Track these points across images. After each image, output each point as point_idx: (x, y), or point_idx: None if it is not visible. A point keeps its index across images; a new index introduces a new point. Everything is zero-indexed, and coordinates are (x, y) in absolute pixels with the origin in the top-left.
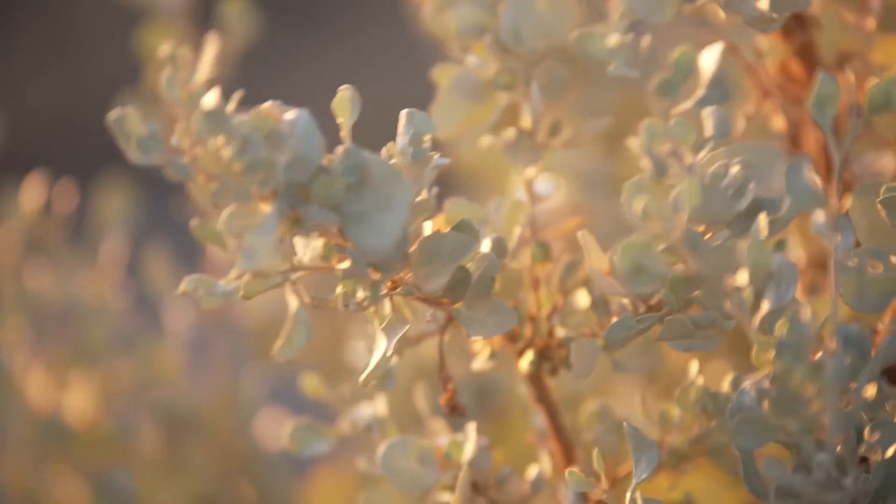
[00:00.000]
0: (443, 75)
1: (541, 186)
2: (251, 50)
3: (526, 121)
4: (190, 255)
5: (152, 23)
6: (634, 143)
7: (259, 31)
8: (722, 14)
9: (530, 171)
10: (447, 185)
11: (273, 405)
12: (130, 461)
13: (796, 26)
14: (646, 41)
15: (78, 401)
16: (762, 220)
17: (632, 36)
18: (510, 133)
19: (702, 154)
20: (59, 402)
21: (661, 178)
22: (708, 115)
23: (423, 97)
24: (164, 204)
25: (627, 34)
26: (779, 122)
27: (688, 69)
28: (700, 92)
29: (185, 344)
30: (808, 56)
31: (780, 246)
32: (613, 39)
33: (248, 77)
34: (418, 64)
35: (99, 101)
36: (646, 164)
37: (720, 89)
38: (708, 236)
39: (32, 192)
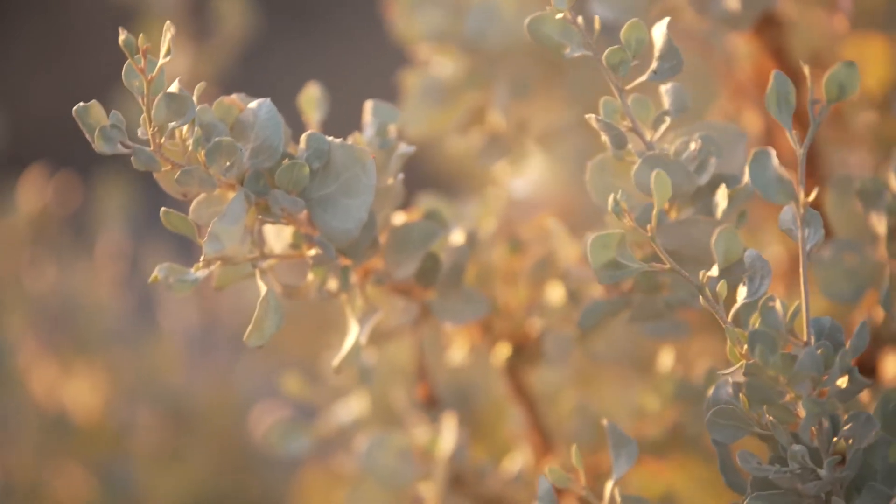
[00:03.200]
0: (410, 79)
1: (515, 183)
2: (244, 50)
3: (494, 120)
4: (188, 249)
5: (145, 21)
6: (592, 118)
7: (255, 29)
8: (693, 16)
9: (501, 169)
10: (425, 187)
11: (270, 400)
12: (132, 453)
13: (769, 27)
14: (597, 21)
15: (80, 395)
16: (722, 192)
17: (581, 18)
18: (478, 133)
19: (661, 129)
20: (62, 397)
21: (621, 153)
22: (665, 91)
23: None
24: (163, 200)
25: (576, 15)
26: (754, 121)
27: (638, 42)
28: (653, 65)
29: (185, 339)
30: (781, 57)
31: (742, 218)
32: (559, 15)
33: (241, 78)
34: (404, 66)
35: (99, 99)
36: (605, 139)
37: (672, 61)
38: (673, 215)
39: (33, 188)
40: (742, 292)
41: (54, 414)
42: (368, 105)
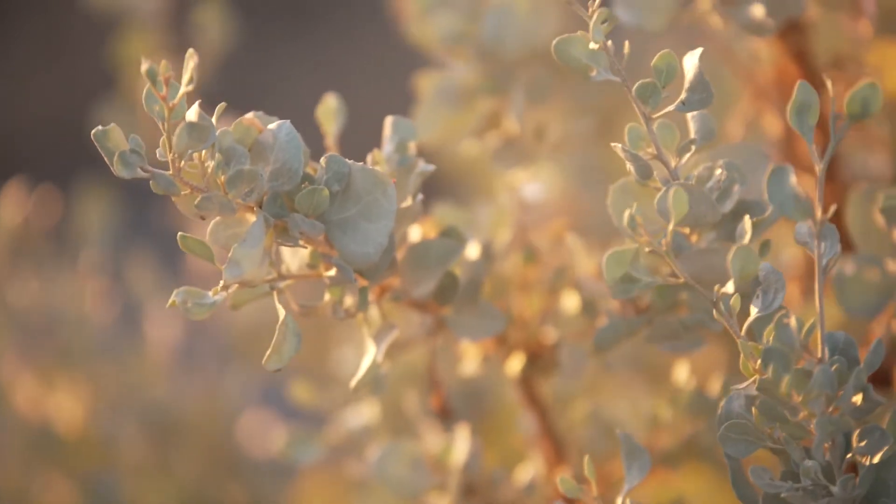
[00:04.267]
0: (425, 82)
1: (528, 190)
2: (238, 55)
3: (510, 125)
4: (172, 260)
5: (127, 29)
6: (618, 147)
7: (239, 36)
8: (717, 21)
9: (516, 176)
10: (435, 189)
11: (258, 408)
12: (118, 465)
13: (792, 31)
14: (626, 46)
15: (64, 408)
16: (747, 222)
17: (610, 42)
18: (494, 138)
19: (686, 157)
20: (46, 409)
21: (645, 182)
22: (692, 118)
23: (412, 102)
24: (145, 210)
25: (607, 39)
26: (774, 126)
27: (669, 74)
28: (682, 96)
29: (170, 349)
30: (804, 60)
31: (766, 248)
32: (593, 44)
33: (232, 83)
34: (408, 68)
35: (93, 103)
36: (630, 167)
37: (702, 93)
38: (694, 239)
39: (13, 201)
40: (756, 306)
41: (38, 427)
42: (388, 121)
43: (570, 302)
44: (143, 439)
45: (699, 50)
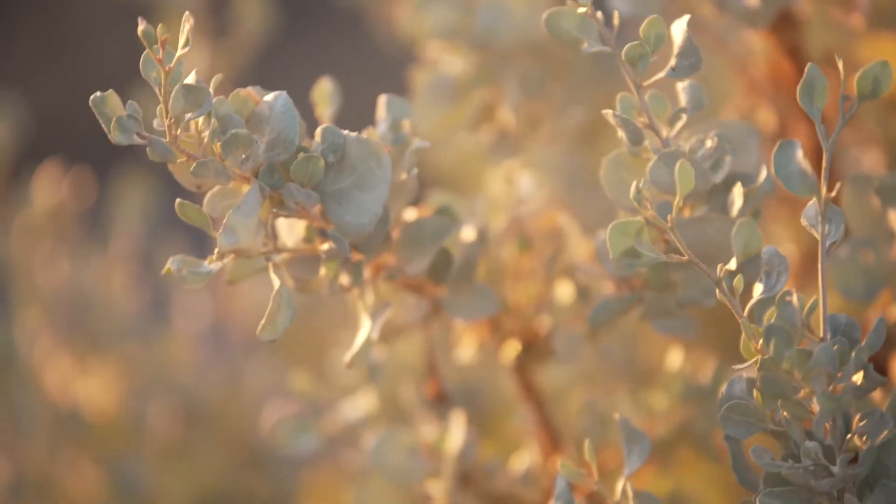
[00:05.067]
0: (420, 76)
1: (522, 182)
2: (261, 48)
3: (504, 118)
4: (202, 249)
5: (163, 18)
6: (610, 113)
7: (273, 28)
8: (710, 11)
9: (511, 166)
10: (430, 185)
11: (280, 399)
12: (143, 450)
13: (785, 25)
14: (616, 17)
15: (93, 391)
16: (737, 189)
17: (600, 13)
18: (488, 131)
19: (677, 126)
20: (75, 393)
21: (637, 149)
22: (682, 89)
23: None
24: (178, 197)
25: (596, 10)
26: (768, 119)
27: (657, 38)
28: (671, 62)
29: (197, 336)
30: (797, 55)
31: (757, 216)
32: (582, 8)
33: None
34: (406, 66)
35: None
36: (621, 134)
37: (691, 59)
38: (687, 212)
39: (48, 183)
40: (759, 288)
41: (67, 410)
42: (382, 100)
43: (565, 290)
44: (168, 425)
45: (686, 17)
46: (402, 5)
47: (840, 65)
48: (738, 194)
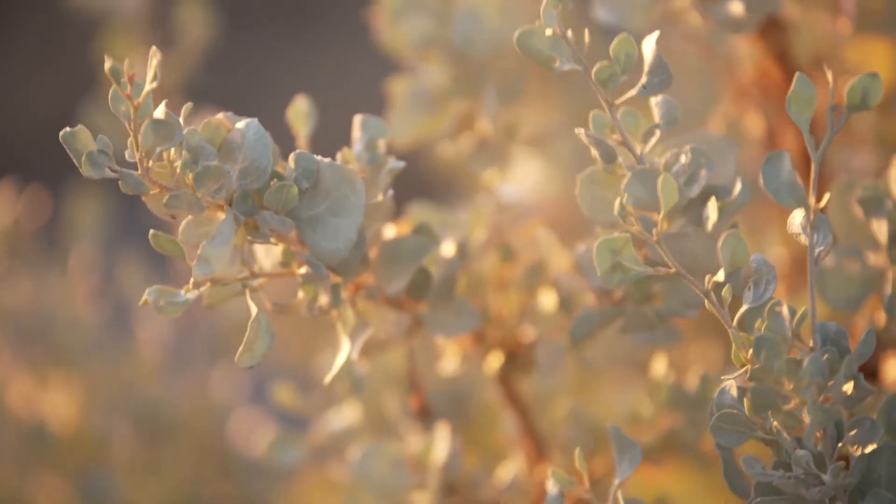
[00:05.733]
0: (397, 87)
1: (505, 190)
2: (234, 55)
3: (483, 126)
4: (162, 260)
5: (109, 29)
6: (582, 132)
7: (216, 34)
8: (695, 18)
9: (492, 175)
10: (414, 192)
11: (248, 406)
12: (110, 463)
13: (772, 30)
14: (585, 35)
15: (57, 406)
16: (712, 203)
17: (570, 31)
18: (468, 139)
19: (651, 142)
20: (39, 408)
21: (611, 168)
22: (655, 104)
23: None
24: (135, 210)
25: (567, 29)
26: (756, 124)
27: (627, 58)
28: (643, 79)
29: (160, 348)
30: (785, 60)
31: (735, 229)
32: (548, 31)
33: (227, 82)
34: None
35: (71, 108)
36: (594, 154)
37: (661, 75)
38: (665, 226)
39: (3, 202)
40: (747, 297)
41: (32, 425)
42: (357, 120)
43: (548, 300)
44: (135, 437)
45: (656, 33)
46: (379, 16)
47: (829, 76)
48: (712, 209)
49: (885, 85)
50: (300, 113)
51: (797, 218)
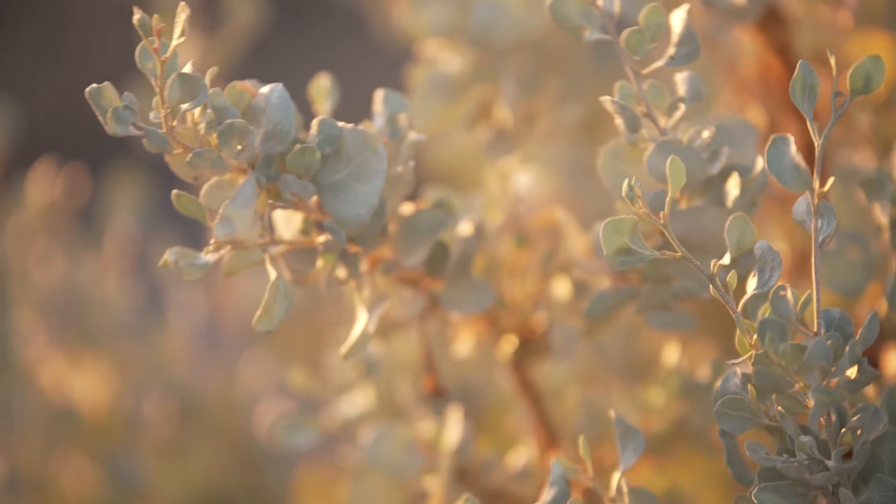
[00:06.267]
0: (417, 74)
1: (519, 179)
2: (252, 43)
3: (501, 114)
4: (197, 244)
5: (154, 9)
6: (607, 101)
7: (265, 22)
8: (697, 7)
9: (508, 163)
10: (422, 185)
11: (276, 395)
12: (138, 447)
13: (773, 24)
14: (616, 5)
15: (88, 388)
16: (734, 181)
17: (601, 1)
18: (485, 128)
19: (676, 116)
20: (69, 390)
21: (634, 137)
22: (680, 79)
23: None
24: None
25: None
26: (758, 117)
27: (656, 27)
28: (670, 50)
29: (192, 333)
30: (786, 54)
31: (754, 208)
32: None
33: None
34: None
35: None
36: (619, 122)
37: (689, 47)
38: (684, 204)
39: (42, 182)
40: (752, 283)
41: (62, 407)
42: (379, 94)
43: (562, 287)
44: (163, 421)
45: (685, 6)
46: (399, 3)
47: (832, 60)
48: (734, 185)
49: (886, 80)
50: (322, 89)
51: (802, 205)
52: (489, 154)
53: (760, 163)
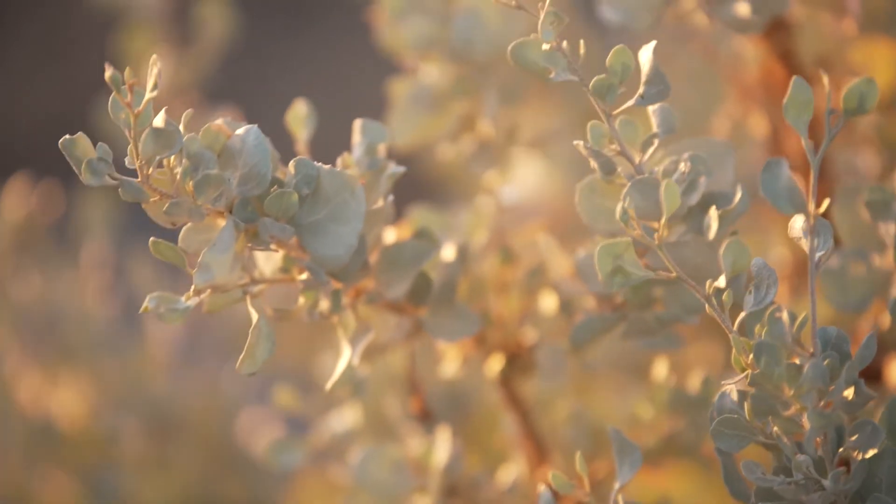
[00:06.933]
0: (398, 87)
1: (505, 192)
2: (236, 53)
3: (484, 127)
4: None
5: (129, 25)
6: (580, 145)
7: (237, 32)
8: (702, 19)
9: (492, 177)
10: (415, 194)
11: (256, 405)
12: (118, 461)
13: (777, 30)
14: (581, 47)
15: (66, 403)
16: (713, 213)
17: (566, 42)
18: (468, 141)
19: (649, 151)
20: (47, 405)
21: (610, 178)
22: (653, 113)
23: None
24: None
25: (562, 40)
26: (760, 124)
27: (624, 69)
28: (640, 90)
29: (170, 346)
30: (789, 60)
31: (735, 237)
32: (545, 45)
33: (230, 81)
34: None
35: (83, 107)
36: (593, 165)
37: (659, 85)
38: (665, 234)
39: (16, 197)
40: (748, 301)
41: (40, 422)
42: (357, 124)
43: (548, 302)
44: (143, 435)
45: (653, 43)
46: (380, 16)
47: (826, 81)
48: (713, 217)
49: (890, 85)
50: (299, 117)
51: (797, 222)
52: (473, 167)
53: (739, 191)
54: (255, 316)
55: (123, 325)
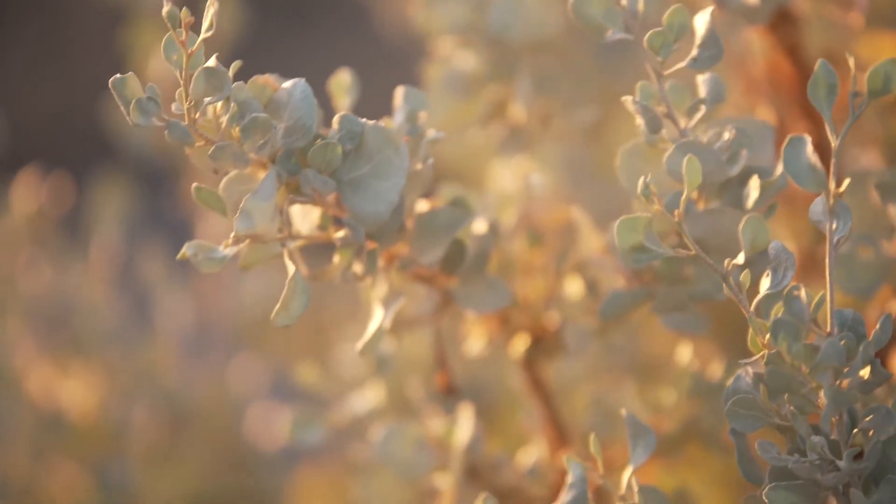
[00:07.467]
0: (433, 71)
1: (532, 178)
2: (241, 49)
3: (516, 113)
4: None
5: (136, 19)
6: (629, 100)
7: (248, 27)
8: (712, 8)
9: (522, 162)
10: (435, 182)
11: (265, 398)
12: (128, 453)
13: (784, 24)
14: (640, 4)
15: (76, 395)
16: (753, 183)
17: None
18: (500, 125)
19: (696, 117)
20: (58, 397)
21: (654, 138)
22: (702, 81)
23: None
24: (158, 200)
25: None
26: (767, 117)
27: (680, 27)
28: (693, 52)
29: (180, 339)
30: (796, 53)
31: (772, 211)
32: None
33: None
34: (411, 62)
35: (94, 101)
36: (640, 122)
37: (712, 49)
38: (701, 205)
39: (27, 189)
40: (765, 283)
41: (50, 414)
42: (399, 91)
43: (575, 286)
44: (152, 428)
45: (710, 8)
46: (414, 0)
47: (851, 61)
48: (754, 187)
49: None
50: (342, 86)
51: (818, 205)
52: (503, 152)
53: (780, 166)
54: (291, 269)
55: (133, 318)
